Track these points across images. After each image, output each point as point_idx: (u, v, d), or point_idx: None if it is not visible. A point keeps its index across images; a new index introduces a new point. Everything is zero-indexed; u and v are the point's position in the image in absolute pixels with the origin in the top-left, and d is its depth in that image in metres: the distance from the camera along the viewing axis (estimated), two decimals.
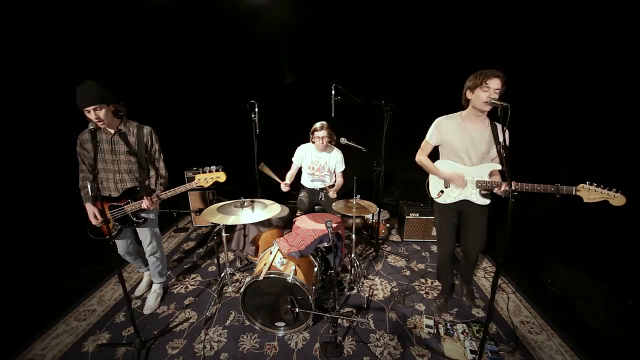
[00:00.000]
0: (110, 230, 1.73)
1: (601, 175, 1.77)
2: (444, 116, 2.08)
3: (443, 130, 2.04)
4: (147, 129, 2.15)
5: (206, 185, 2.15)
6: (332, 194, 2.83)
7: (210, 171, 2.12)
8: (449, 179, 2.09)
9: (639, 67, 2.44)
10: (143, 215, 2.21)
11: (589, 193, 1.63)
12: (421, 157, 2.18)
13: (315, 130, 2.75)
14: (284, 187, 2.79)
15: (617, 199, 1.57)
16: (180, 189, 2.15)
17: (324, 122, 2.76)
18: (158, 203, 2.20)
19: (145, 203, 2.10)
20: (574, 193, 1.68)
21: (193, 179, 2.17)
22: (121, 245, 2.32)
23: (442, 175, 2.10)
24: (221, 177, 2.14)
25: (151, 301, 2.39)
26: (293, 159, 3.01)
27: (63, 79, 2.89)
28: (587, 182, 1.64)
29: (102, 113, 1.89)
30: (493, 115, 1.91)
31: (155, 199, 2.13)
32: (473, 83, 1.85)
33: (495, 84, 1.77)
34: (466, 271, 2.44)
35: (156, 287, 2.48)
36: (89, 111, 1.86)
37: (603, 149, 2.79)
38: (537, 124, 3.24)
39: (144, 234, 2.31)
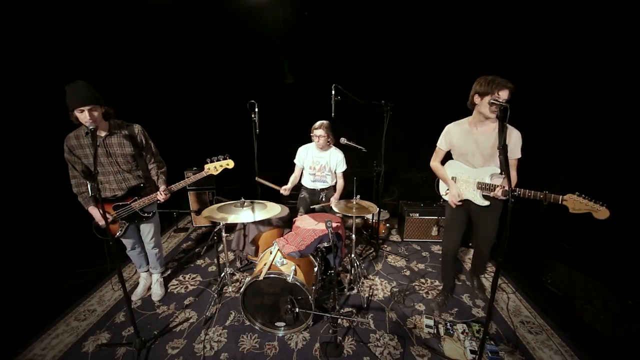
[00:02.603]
0: (109, 231, 1.73)
1: (599, 176, 1.78)
2: (453, 123, 2.15)
3: (451, 136, 2.13)
4: (137, 127, 2.15)
5: (215, 173, 2.22)
6: (334, 201, 2.73)
7: (219, 160, 2.19)
8: (449, 189, 2.20)
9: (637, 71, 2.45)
10: (150, 209, 2.27)
11: (575, 204, 1.64)
12: (435, 163, 2.29)
13: (315, 128, 2.77)
14: (284, 192, 2.78)
15: (601, 212, 1.58)
16: (191, 179, 2.20)
17: (323, 122, 2.77)
18: (169, 195, 2.23)
19: (160, 197, 2.15)
20: (560, 202, 1.68)
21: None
22: (128, 243, 2.40)
23: (447, 183, 2.22)
24: (230, 164, 2.23)
25: (157, 289, 2.54)
26: (295, 161, 2.98)
27: (63, 78, 2.88)
28: (577, 193, 1.64)
29: (96, 114, 1.87)
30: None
31: (166, 192, 2.17)
32: (484, 90, 1.83)
33: (505, 95, 1.79)
34: (478, 266, 2.52)
35: (157, 277, 2.59)
36: (82, 111, 1.82)
37: (602, 151, 2.80)
38: (537, 127, 3.24)
39: (147, 228, 2.36)
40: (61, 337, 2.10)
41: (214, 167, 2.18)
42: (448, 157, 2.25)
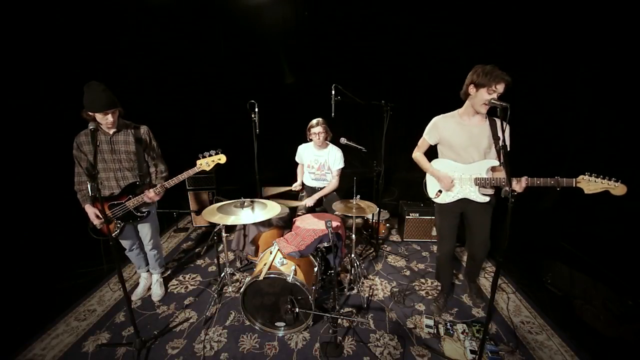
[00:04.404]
0: (109, 230, 1.73)
1: (600, 171, 1.78)
2: (441, 115, 2.07)
3: (441, 128, 2.02)
4: (144, 128, 2.20)
5: (208, 169, 2.17)
6: (309, 201, 2.83)
7: (210, 155, 2.13)
8: (437, 179, 2.08)
9: (637, 68, 2.45)
10: (145, 209, 2.25)
11: (589, 184, 1.61)
12: (417, 154, 2.21)
13: (312, 126, 2.80)
14: (296, 187, 3.01)
15: (618, 189, 1.56)
16: (183, 175, 2.15)
17: (319, 119, 2.80)
18: (162, 194, 2.20)
19: (148, 195, 2.11)
20: (574, 185, 1.66)
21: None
22: (126, 244, 2.40)
23: (432, 172, 2.11)
24: (222, 158, 2.17)
25: (157, 289, 2.54)
26: (297, 159, 3.10)
27: (62, 78, 2.88)
28: (587, 173, 1.63)
29: (116, 115, 1.97)
30: (491, 112, 1.90)
31: (158, 190, 2.14)
32: (481, 81, 1.77)
33: (502, 88, 1.75)
34: (472, 272, 2.45)
35: (157, 277, 2.60)
36: (107, 114, 1.90)
37: (602, 145, 2.80)
38: (538, 121, 3.25)
39: (145, 230, 2.36)
40: (61, 337, 2.10)
41: (206, 163, 2.12)
42: (429, 154, 2.18)
